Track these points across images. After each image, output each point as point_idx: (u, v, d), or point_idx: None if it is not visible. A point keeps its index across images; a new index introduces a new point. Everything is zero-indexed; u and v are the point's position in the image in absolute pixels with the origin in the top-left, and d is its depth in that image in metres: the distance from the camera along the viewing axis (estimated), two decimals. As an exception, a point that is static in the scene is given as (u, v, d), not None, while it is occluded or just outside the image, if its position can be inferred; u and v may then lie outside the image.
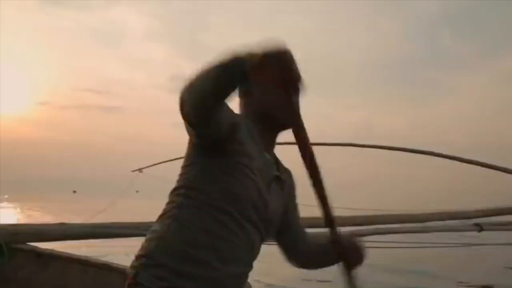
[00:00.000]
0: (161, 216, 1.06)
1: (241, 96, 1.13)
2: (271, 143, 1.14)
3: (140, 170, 10.34)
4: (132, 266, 1.02)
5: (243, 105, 1.14)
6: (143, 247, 1.03)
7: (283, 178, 1.13)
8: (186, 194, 1.03)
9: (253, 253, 1.07)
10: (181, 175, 1.07)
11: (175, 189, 1.07)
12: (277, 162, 1.15)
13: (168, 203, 1.06)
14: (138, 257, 1.02)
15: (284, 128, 1.11)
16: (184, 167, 1.07)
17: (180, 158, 1.12)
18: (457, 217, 3.20)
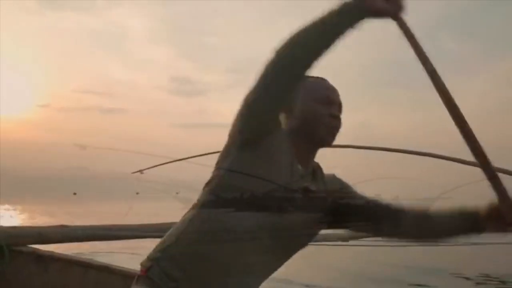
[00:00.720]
0: (188, 212, 1.04)
1: (282, 111, 1.10)
2: (308, 156, 1.12)
3: (141, 171, 10.40)
4: (148, 258, 1.00)
5: (283, 120, 1.11)
6: (163, 241, 1.02)
7: (315, 188, 1.10)
8: (213, 190, 1.01)
9: (274, 260, 1.06)
10: (213, 171, 1.04)
11: (206, 185, 1.05)
12: (314, 173, 1.13)
13: (198, 199, 1.05)
14: (156, 251, 1.01)
15: (323, 144, 1.11)
16: (218, 162, 1.04)
17: (182, 159, 1.11)
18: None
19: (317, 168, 1.16)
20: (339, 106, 1.10)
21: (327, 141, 1.10)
